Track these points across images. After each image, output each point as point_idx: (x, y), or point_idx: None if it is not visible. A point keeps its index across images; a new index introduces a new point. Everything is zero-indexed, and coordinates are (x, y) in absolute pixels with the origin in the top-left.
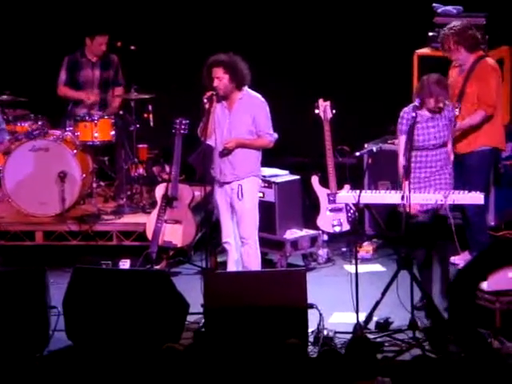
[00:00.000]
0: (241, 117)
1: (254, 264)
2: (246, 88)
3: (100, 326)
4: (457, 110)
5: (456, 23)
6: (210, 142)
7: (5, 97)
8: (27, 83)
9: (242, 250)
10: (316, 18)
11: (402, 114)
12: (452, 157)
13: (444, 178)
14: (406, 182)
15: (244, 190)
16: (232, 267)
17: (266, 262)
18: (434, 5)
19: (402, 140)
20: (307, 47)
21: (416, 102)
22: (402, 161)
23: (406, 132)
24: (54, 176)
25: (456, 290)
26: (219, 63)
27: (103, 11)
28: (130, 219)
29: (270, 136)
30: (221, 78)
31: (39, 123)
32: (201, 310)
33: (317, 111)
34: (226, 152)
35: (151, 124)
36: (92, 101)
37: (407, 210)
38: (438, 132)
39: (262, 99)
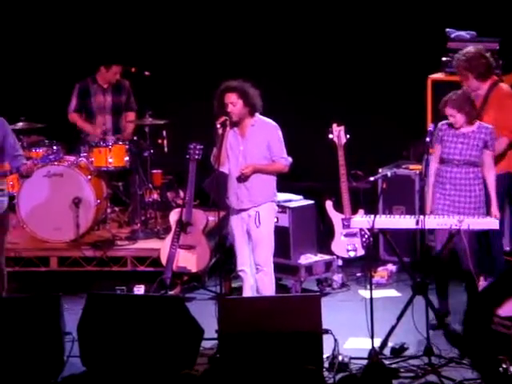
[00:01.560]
0: (255, 143)
1: (269, 291)
2: (257, 114)
3: (115, 351)
4: None
5: (470, 49)
6: (223, 169)
7: (20, 123)
8: (42, 109)
9: (257, 277)
10: (330, 43)
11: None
12: (488, 180)
13: (469, 199)
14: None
15: (261, 217)
16: (248, 294)
17: (280, 287)
18: (447, 30)
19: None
20: (321, 72)
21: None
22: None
23: (438, 141)
24: (68, 202)
25: (472, 316)
26: (233, 89)
27: (118, 39)
28: (144, 245)
29: (284, 160)
30: (235, 104)
31: (54, 148)
32: (215, 335)
33: (331, 136)
34: (242, 178)
35: (165, 149)
36: (99, 132)
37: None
38: (465, 150)
39: (275, 124)
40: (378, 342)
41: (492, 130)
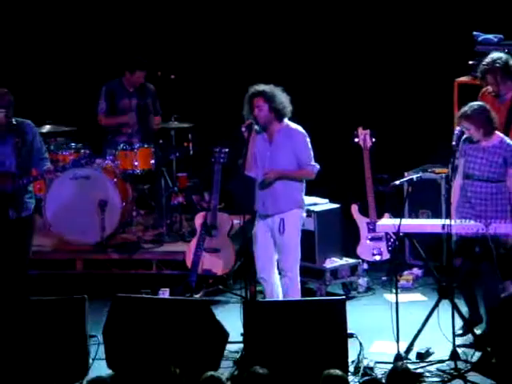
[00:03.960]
0: (281, 149)
1: (294, 296)
2: (286, 120)
3: (140, 354)
4: None
5: (497, 55)
6: (251, 173)
7: (47, 126)
8: (68, 112)
9: (282, 282)
10: (357, 47)
11: None
12: None
13: (495, 208)
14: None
15: (286, 224)
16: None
17: (305, 290)
18: (474, 33)
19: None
20: (347, 75)
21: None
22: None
23: (461, 155)
24: (94, 204)
25: (498, 319)
26: (260, 93)
27: (143, 43)
28: (169, 248)
29: (311, 167)
30: (261, 108)
31: (85, 151)
32: (240, 338)
33: (356, 140)
34: (266, 184)
35: (191, 153)
36: (132, 121)
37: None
38: (484, 166)
39: (302, 130)
40: (403, 347)
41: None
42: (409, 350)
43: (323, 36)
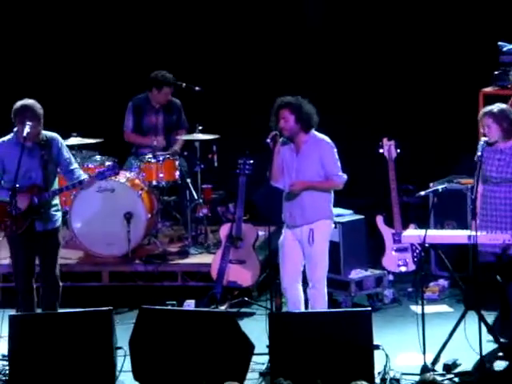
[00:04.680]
0: (308, 159)
1: (321, 308)
2: (313, 130)
3: (166, 366)
4: None
5: None
6: (278, 184)
7: (72, 139)
8: (93, 125)
9: (309, 293)
10: (382, 58)
11: None
12: None
13: (510, 214)
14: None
15: (315, 235)
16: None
17: (331, 302)
18: (499, 43)
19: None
20: (373, 86)
21: None
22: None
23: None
24: (119, 217)
25: None
26: (286, 104)
27: (168, 55)
28: (194, 260)
29: (338, 178)
30: (287, 119)
31: (110, 164)
32: (266, 350)
33: (381, 150)
34: (292, 195)
35: (215, 164)
36: (158, 145)
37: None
38: (502, 166)
39: (329, 141)
40: (429, 358)
41: None
42: (435, 361)
43: (349, 47)
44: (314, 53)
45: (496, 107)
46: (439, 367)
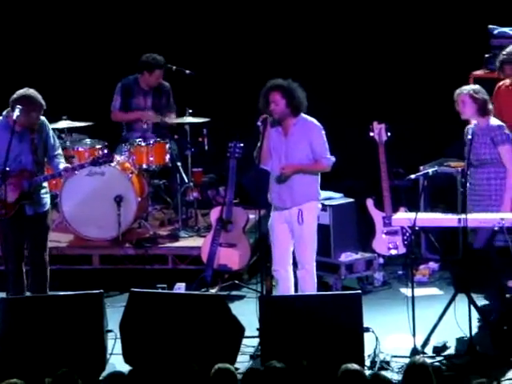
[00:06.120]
0: (297, 142)
1: (310, 289)
2: (301, 114)
3: (156, 349)
4: None
5: None
6: (266, 167)
7: (62, 122)
8: (83, 108)
9: (299, 275)
10: (370, 41)
11: None
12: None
13: (487, 195)
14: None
15: (304, 215)
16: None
17: (321, 284)
18: (489, 27)
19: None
20: (362, 69)
21: None
22: None
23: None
24: (110, 200)
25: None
26: (277, 87)
27: (158, 38)
28: (185, 243)
29: (327, 160)
30: (277, 103)
31: (104, 151)
32: (256, 333)
33: (371, 134)
34: (283, 178)
35: (206, 148)
36: (147, 119)
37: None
38: (476, 148)
39: (318, 123)
40: (419, 341)
41: (498, 126)
42: (425, 344)
43: (339, 30)
44: (304, 36)
45: (470, 87)
46: (429, 350)
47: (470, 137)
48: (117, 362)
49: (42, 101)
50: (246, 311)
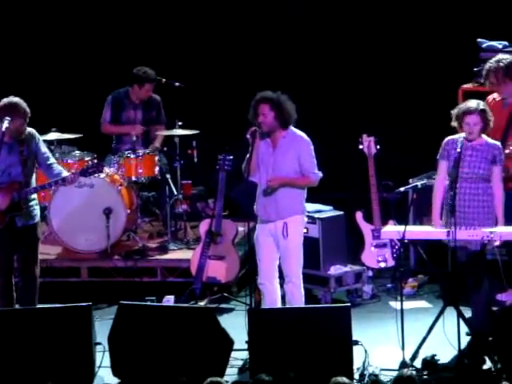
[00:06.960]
0: (285, 155)
1: (298, 302)
2: (290, 127)
3: (145, 362)
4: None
5: (503, 56)
6: (254, 178)
7: (51, 134)
8: (73, 120)
9: (286, 288)
10: (361, 55)
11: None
12: (496, 196)
13: (479, 210)
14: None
15: (289, 228)
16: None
17: (310, 297)
18: (478, 40)
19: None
20: (352, 83)
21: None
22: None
23: (444, 158)
24: (99, 212)
25: (501, 328)
26: (266, 100)
27: (148, 51)
28: (174, 255)
29: (314, 175)
30: (266, 115)
31: (94, 161)
32: (245, 346)
33: (361, 147)
34: (269, 190)
35: (195, 160)
36: (137, 133)
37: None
38: (474, 162)
39: (307, 138)
40: (408, 354)
41: (500, 147)
42: (414, 357)
43: (329, 43)
44: (294, 49)
45: (479, 105)
46: (418, 363)
47: (459, 150)
48: (105, 375)
49: (27, 108)
50: (235, 324)
